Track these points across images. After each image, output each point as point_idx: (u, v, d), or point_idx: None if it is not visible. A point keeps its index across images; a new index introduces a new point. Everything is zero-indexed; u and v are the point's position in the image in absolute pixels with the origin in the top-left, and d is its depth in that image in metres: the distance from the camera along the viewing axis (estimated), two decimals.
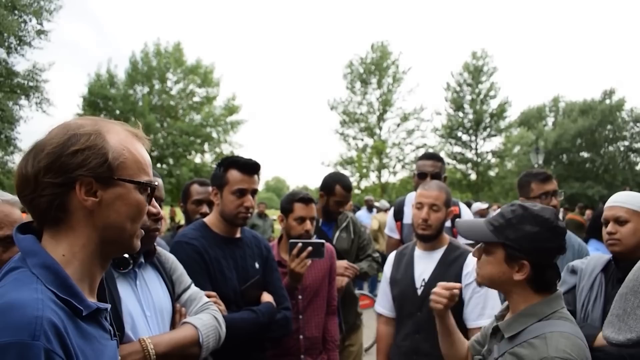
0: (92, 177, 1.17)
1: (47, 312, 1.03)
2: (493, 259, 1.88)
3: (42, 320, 1.01)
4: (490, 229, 1.88)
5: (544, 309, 1.82)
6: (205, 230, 2.78)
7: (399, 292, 3.15)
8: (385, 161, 33.17)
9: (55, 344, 1.01)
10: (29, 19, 18.04)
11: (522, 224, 1.83)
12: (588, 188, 34.15)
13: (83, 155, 1.17)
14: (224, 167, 2.77)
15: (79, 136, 1.18)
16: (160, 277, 2.17)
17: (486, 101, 34.29)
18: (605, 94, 37.19)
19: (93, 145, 1.18)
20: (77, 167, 1.16)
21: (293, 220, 3.30)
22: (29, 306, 1.02)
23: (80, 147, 1.17)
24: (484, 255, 1.92)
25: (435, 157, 4.25)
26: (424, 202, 3.07)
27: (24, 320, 1.00)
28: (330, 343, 3.50)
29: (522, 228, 1.82)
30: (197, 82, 32.12)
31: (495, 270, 1.87)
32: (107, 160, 1.19)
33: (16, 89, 18.58)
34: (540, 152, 24.16)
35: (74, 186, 1.17)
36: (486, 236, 1.89)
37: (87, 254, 1.20)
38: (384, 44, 33.76)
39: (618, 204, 2.67)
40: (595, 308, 2.61)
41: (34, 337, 0.98)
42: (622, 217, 2.61)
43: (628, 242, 2.58)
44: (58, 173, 1.15)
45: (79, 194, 1.17)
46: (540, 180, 3.45)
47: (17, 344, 0.97)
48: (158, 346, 1.91)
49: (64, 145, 1.16)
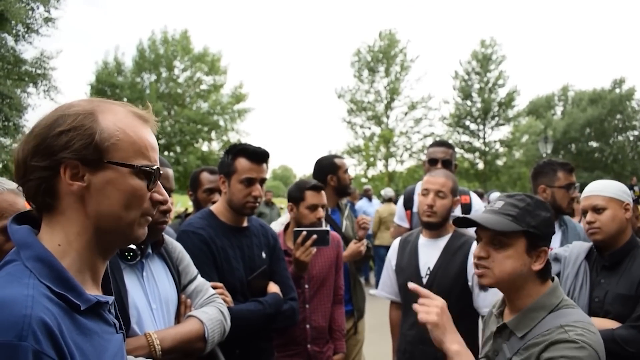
0: (77, 159, 1.09)
1: (37, 310, 0.97)
2: (513, 252, 1.77)
3: (31, 319, 0.94)
4: (509, 219, 1.77)
5: (551, 300, 1.79)
6: (212, 219, 2.76)
7: (403, 280, 3.13)
8: (392, 150, 33.04)
9: (45, 345, 0.95)
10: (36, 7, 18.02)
11: (538, 210, 1.80)
12: (596, 178, 33.65)
13: (67, 137, 1.09)
14: (232, 155, 2.72)
15: (66, 117, 1.11)
16: (167, 267, 2.16)
17: (494, 90, 34.01)
18: (615, 83, 36.90)
19: (79, 125, 1.10)
20: (61, 148, 1.08)
21: (305, 208, 3.27)
22: (18, 304, 0.96)
23: (65, 127, 1.09)
24: (495, 253, 1.79)
25: (447, 145, 4.26)
26: (430, 189, 3.06)
27: (11, 319, 0.94)
28: (337, 332, 3.50)
29: (539, 214, 1.79)
30: (204, 70, 32.05)
31: (517, 263, 1.77)
32: (94, 141, 1.10)
33: (24, 76, 18.59)
34: (548, 142, 23.98)
35: (60, 169, 1.10)
36: (509, 226, 1.76)
37: (83, 243, 1.12)
38: (391, 32, 33.50)
39: (594, 193, 2.70)
40: (581, 295, 2.65)
41: (21, 337, 0.92)
42: (600, 205, 2.64)
43: (608, 230, 2.61)
44: (44, 156, 1.09)
45: (64, 177, 1.10)
46: (567, 170, 3.38)
47: (3, 345, 0.91)
48: (164, 341, 1.91)
49: (50, 127, 1.10)
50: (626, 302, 2.49)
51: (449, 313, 1.92)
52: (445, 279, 2.97)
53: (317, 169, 4.15)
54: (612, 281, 2.58)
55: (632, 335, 2.40)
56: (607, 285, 2.59)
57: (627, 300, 2.49)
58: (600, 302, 2.58)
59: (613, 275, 2.60)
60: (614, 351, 2.38)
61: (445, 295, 2.93)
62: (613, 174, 34.18)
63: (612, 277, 2.60)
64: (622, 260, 2.61)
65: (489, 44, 34.10)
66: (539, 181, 3.44)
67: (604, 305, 2.56)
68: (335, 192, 4.16)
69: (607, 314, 2.54)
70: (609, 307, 2.54)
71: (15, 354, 0.91)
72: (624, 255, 2.61)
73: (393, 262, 3.31)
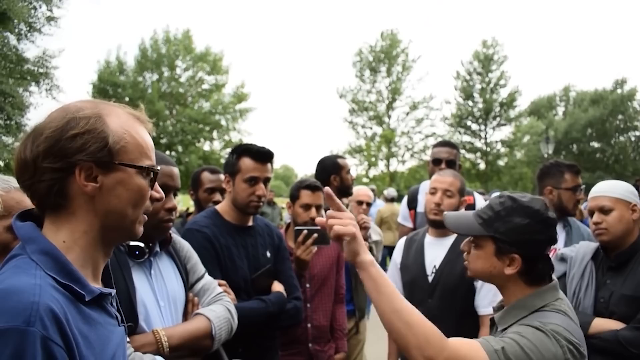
0: (92, 161, 1.13)
1: (45, 298, 1.00)
2: (483, 253, 1.81)
3: (39, 306, 0.98)
4: (479, 222, 1.81)
5: (534, 302, 1.76)
6: (217, 218, 2.77)
7: (409, 279, 3.14)
8: (394, 150, 33.11)
9: (52, 331, 0.98)
10: (39, 6, 17.99)
11: (511, 216, 1.76)
12: (598, 178, 33.68)
13: (82, 140, 1.12)
14: (237, 155, 2.74)
15: (78, 119, 1.14)
16: (175, 265, 2.17)
17: (496, 90, 34.06)
18: (616, 84, 36.91)
19: (93, 129, 1.14)
20: (76, 151, 1.12)
21: (299, 207, 3.28)
22: (26, 292, 1.00)
23: (79, 130, 1.12)
24: (473, 249, 1.86)
25: (451, 145, 4.27)
26: (438, 187, 3.07)
27: (20, 306, 0.97)
28: (339, 332, 3.51)
29: (511, 220, 1.75)
30: (206, 70, 32.10)
31: (486, 264, 1.81)
32: (108, 145, 1.14)
33: (26, 75, 18.56)
34: (550, 142, 24.00)
35: (74, 171, 1.13)
36: (475, 229, 1.81)
37: (88, 241, 1.17)
38: (393, 32, 33.58)
39: (601, 194, 2.69)
40: (587, 296, 2.65)
41: (29, 323, 0.96)
42: (607, 206, 2.64)
43: (615, 230, 2.61)
44: (57, 158, 1.11)
45: (79, 179, 1.13)
46: (574, 172, 3.36)
47: (12, 330, 0.95)
48: (172, 338, 1.92)
49: (62, 129, 1.12)
50: (631, 303, 2.49)
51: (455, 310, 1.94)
52: (451, 277, 2.97)
53: (319, 169, 4.16)
54: (618, 282, 2.58)
55: (636, 336, 2.40)
56: (612, 286, 2.59)
57: (632, 301, 2.49)
58: (605, 302, 2.58)
59: (619, 276, 2.60)
60: (618, 352, 2.38)
61: (451, 294, 2.97)
62: (614, 174, 34.15)
63: (618, 278, 2.59)
64: (628, 261, 2.61)
65: (491, 44, 34.15)
66: (545, 182, 3.40)
67: (609, 306, 2.56)
68: (338, 193, 4.16)
69: (612, 314, 2.54)
70: (614, 307, 2.54)
71: (23, 339, 0.95)
72: (630, 256, 2.61)
73: (398, 260, 3.31)
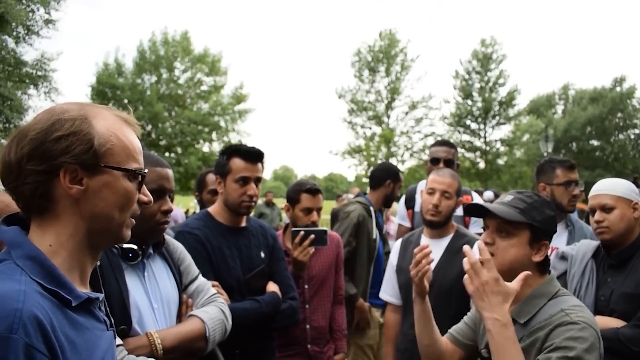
0: (77, 164, 1.12)
1: (29, 305, 0.99)
2: (517, 241, 1.89)
3: (22, 313, 0.97)
4: (517, 211, 1.89)
5: (549, 288, 1.91)
6: (209, 219, 2.77)
7: (406, 280, 3.12)
8: (393, 150, 33.07)
9: (36, 339, 0.97)
10: (36, 8, 17.98)
11: (543, 207, 1.93)
12: (598, 176, 33.79)
13: (67, 142, 1.11)
14: (227, 156, 2.75)
15: (63, 121, 1.12)
16: (168, 267, 2.16)
17: (495, 89, 34.00)
18: (615, 82, 36.84)
19: (78, 130, 1.12)
20: (61, 153, 1.10)
21: (300, 211, 3.27)
22: (9, 298, 0.98)
23: (64, 132, 1.11)
24: (500, 240, 1.91)
25: (449, 144, 4.29)
26: (436, 188, 3.06)
27: (2, 313, 0.96)
28: (338, 332, 3.51)
29: (544, 211, 1.92)
30: (204, 71, 32.04)
31: (520, 252, 1.89)
32: (93, 147, 1.13)
33: (25, 78, 18.56)
34: (549, 141, 23.97)
35: (58, 174, 1.11)
36: (518, 217, 1.88)
37: (75, 244, 1.15)
38: (392, 32, 33.53)
39: (602, 192, 2.69)
40: (587, 294, 2.65)
41: (12, 330, 0.94)
42: (608, 205, 2.64)
43: (617, 229, 2.61)
44: (41, 160, 1.10)
45: (64, 181, 1.12)
46: (566, 167, 3.37)
47: None
48: (165, 340, 1.91)
49: (47, 131, 1.11)
50: (631, 301, 2.48)
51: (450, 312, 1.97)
52: (447, 278, 2.96)
53: (382, 167, 4.44)
54: (619, 280, 2.57)
55: (637, 334, 2.39)
56: (613, 284, 2.58)
57: (632, 299, 2.48)
58: (606, 300, 2.57)
59: (619, 274, 2.59)
60: (618, 350, 2.37)
61: (447, 295, 2.96)
62: (614, 172, 34.11)
63: (619, 276, 2.59)
64: (629, 259, 2.60)
65: (490, 43, 34.10)
66: (539, 179, 3.46)
67: (610, 304, 2.55)
68: (383, 197, 4.40)
69: (612, 312, 2.53)
70: (615, 305, 2.53)
71: (5, 346, 0.94)
72: (631, 254, 2.60)
73: (394, 262, 3.30)
